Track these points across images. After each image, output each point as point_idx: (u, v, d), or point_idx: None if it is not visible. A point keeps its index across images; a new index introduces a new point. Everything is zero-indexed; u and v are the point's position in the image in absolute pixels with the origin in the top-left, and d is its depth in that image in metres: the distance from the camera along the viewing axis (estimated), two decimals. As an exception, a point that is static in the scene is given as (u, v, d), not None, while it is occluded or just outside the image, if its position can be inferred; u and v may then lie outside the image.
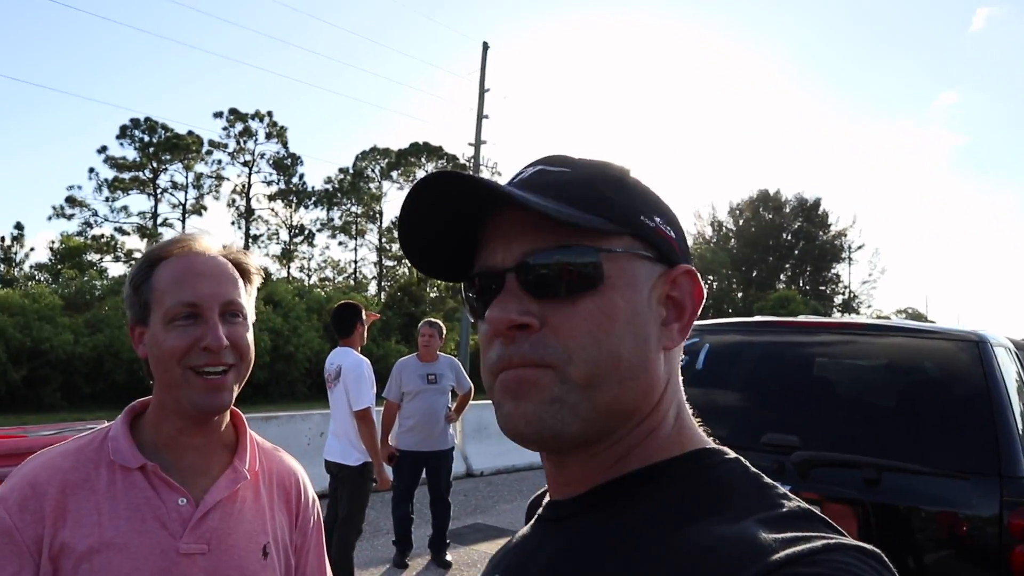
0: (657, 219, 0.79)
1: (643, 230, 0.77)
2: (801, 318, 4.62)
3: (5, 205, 63.65)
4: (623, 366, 0.74)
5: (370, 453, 5.67)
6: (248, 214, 49.56)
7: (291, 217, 51.38)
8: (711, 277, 61.19)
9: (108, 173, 45.21)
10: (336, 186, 52.20)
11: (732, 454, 0.79)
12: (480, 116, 30.05)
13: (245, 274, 1.46)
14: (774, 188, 67.45)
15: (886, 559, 0.63)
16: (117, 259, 44.15)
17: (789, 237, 65.20)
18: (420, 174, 53.01)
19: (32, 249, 40.41)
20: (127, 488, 1.35)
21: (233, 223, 49.92)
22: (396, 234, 0.83)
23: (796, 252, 65.33)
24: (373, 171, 53.32)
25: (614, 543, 0.73)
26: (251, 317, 1.46)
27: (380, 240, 53.00)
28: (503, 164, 50.25)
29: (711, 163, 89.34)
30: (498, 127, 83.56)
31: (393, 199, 52.82)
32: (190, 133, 45.85)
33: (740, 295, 61.58)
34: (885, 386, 4.11)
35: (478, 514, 8.88)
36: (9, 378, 21.19)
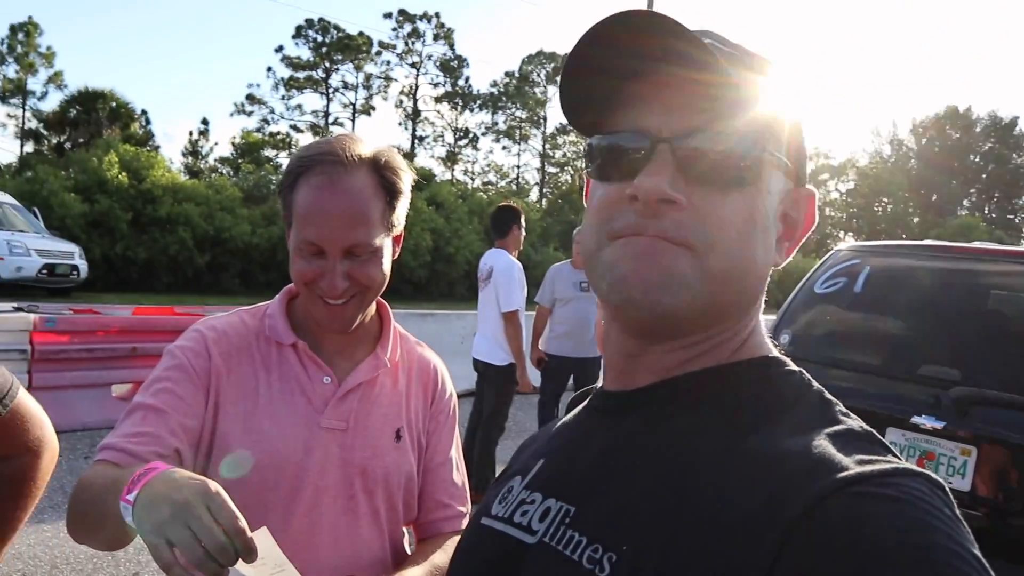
0: (803, 135, 0.80)
1: (794, 142, 0.78)
2: (978, 244, 4.21)
3: (193, 101, 67.76)
4: (753, 269, 0.75)
5: (515, 355, 5.75)
6: (415, 115, 50.53)
7: (456, 120, 52.01)
8: (885, 199, 57.44)
9: (284, 72, 47.14)
10: (501, 90, 52.16)
11: (795, 366, 0.79)
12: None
13: (391, 188, 1.43)
14: (964, 105, 61.87)
15: (949, 491, 0.62)
16: (291, 155, 46.30)
17: (977, 159, 59.88)
18: (585, 79, 52.45)
19: (216, 143, 43.21)
20: (280, 361, 1.47)
21: (400, 124, 51.21)
22: (560, 91, 0.79)
23: (984, 176, 59.98)
24: (539, 75, 52.79)
25: (674, 442, 0.72)
26: (397, 230, 1.47)
27: (544, 146, 52.87)
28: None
29: (895, 74, 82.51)
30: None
31: (558, 104, 52.26)
32: (360, 34, 46.84)
33: (916, 220, 57.47)
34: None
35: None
36: (194, 263, 22.90)
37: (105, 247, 21.47)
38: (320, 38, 46.75)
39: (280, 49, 46.91)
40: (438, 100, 51.17)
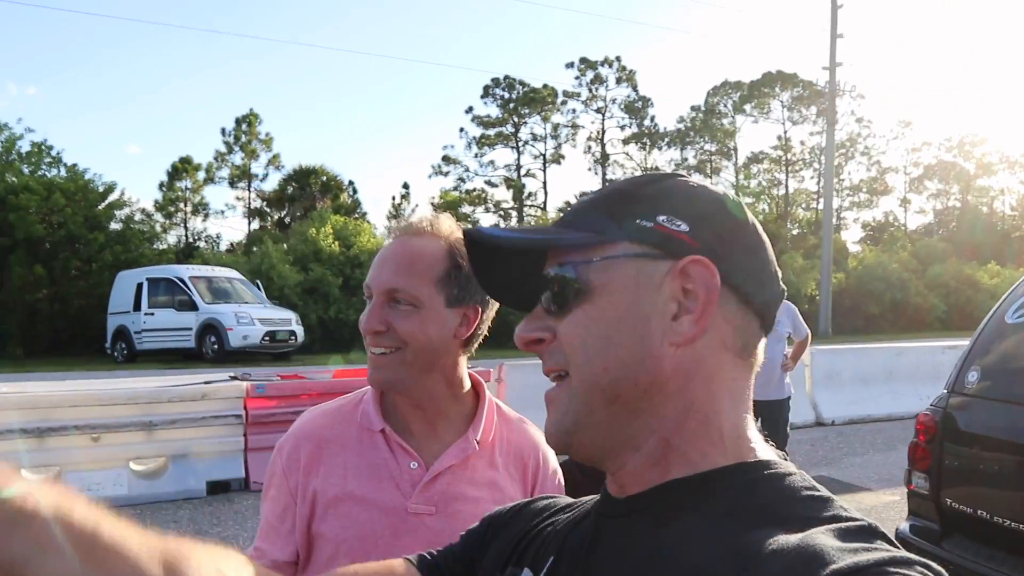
0: (661, 217, 0.78)
1: (638, 232, 0.78)
2: None
3: (395, 168, 72.03)
4: (612, 366, 0.76)
5: None
6: (603, 159, 50.92)
7: (645, 159, 51.86)
8: None
9: (475, 131, 49.02)
10: (688, 125, 51.59)
11: (791, 468, 0.76)
12: (834, 36, 27.71)
13: (459, 262, 1.47)
14: None
15: None
16: (487, 210, 47.95)
17: None
18: (775, 105, 51.26)
19: (417, 205, 45.26)
20: (370, 448, 1.51)
21: (589, 169, 51.67)
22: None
23: None
24: (725, 106, 51.80)
25: (672, 545, 0.72)
26: (464, 306, 1.48)
27: (736, 177, 51.59)
28: (863, 86, 46.07)
29: None
30: (857, 46, 76.13)
31: (748, 133, 50.98)
32: (545, 86, 48.00)
33: None
34: None
35: (824, 466, 8.38)
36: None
37: (319, 311, 23.13)
38: (507, 95, 48.41)
39: (470, 110, 49.00)
40: (625, 142, 51.35)
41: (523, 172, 49.52)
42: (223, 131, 39.02)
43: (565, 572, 0.83)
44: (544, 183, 50.24)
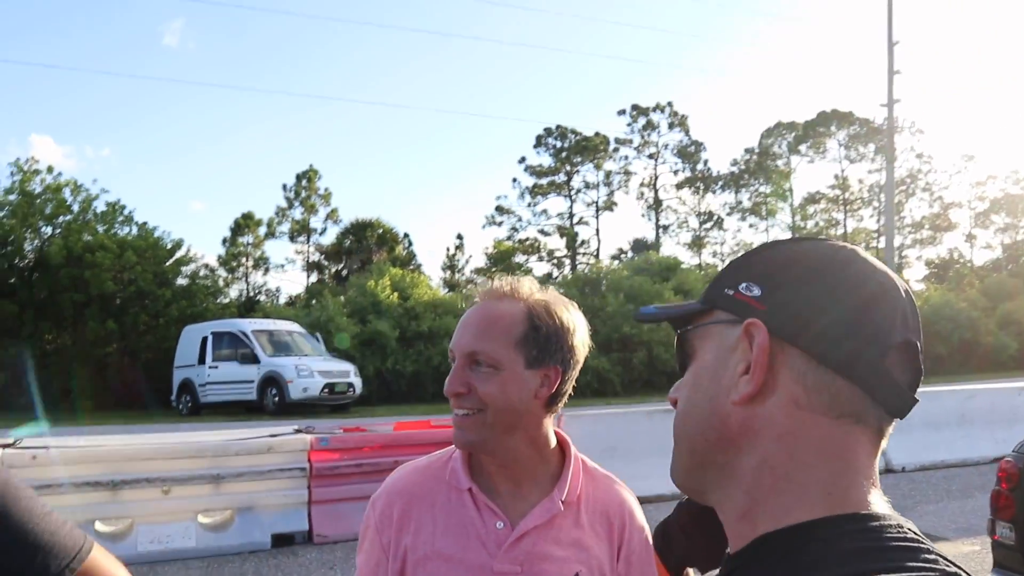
0: (741, 285, 0.85)
1: (724, 301, 0.86)
2: None
3: (449, 218, 72.87)
4: (691, 422, 0.85)
5: None
6: (657, 205, 50.89)
7: (699, 204, 51.70)
8: None
9: (528, 181, 49.52)
10: (743, 167, 51.36)
11: (888, 518, 0.75)
12: (891, 72, 27.48)
13: (537, 323, 1.51)
14: None
15: None
16: (540, 259, 48.24)
17: None
18: (831, 144, 50.81)
19: (471, 256, 45.86)
20: (459, 506, 1.54)
21: (643, 215, 51.67)
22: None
23: None
24: (780, 147, 51.49)
25: None
26: (544, 367, 1.50)
27: (793, 218, 51.06)
28: (923, 121, 45.36)
29: None
30: (914, 82, 75.16)
31: (803, 174, 50.49)
32: (597, 134, 48.42)
33: None
34: None
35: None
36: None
37: (376, 363, 23.36)
38: (559, 144, 48.87)
39: (523, 160, 49.55)
40: (679, 187, 51.29)
41: (576, 220, 49.77)
42: (284, 187, 40.20)
43: None
44: (597, 230, 50.36)
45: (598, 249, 49.30)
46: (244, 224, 36.95)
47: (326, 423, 10.02)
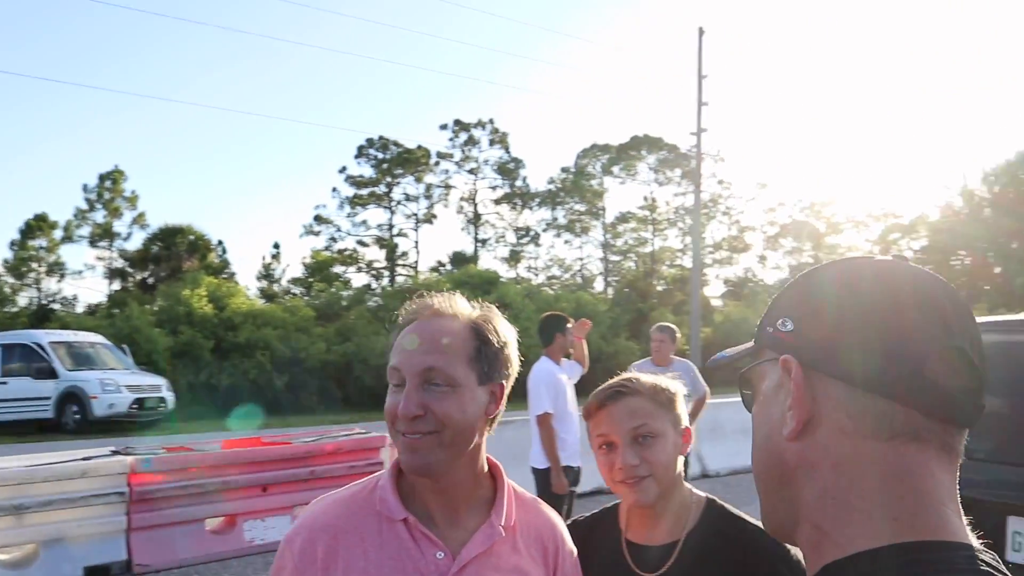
0: (779, 322, 0.86)
1: (767, 339, 0.88)
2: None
3: (265, 227, 70.43)
4: (757, 459, 0.87)
5: (548, 457, 5.72)
6: (476, 219, 51.45)
7: (517, 219, 52.74)
8: (962, 252, 55.68)
9: (348, 191, 48.61)
10: (559, 186, 52.93)
11: (966, 548, 0.73)
12: (700, 104, 29.30)
13: (484, 338, 1.47)
14: (1037, 149, 59.96)
15: None
16: (359, 270, 47.38)
17: (1058, 201, 57.78)
18: (642, 167, 53.35)
19: (288, 265, 44.47)
20: (392, 538, 1.44)
21: (462, 229, 52.08)
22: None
23: (1069, 218, 57.81)
24: (594, 168, 53.52)
25: None
26: (493, 384, 1.48)
27: (604, 236, 53.18)
28: (726, 150, 48.70)
29: (958, 127, 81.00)
30: (719, 113, 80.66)
31: (615, 194, 52.74)
32: (419, 147, 48.31)
33: (998, 270, 55.52)
34: None
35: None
36: (273, 385, 23.39)
37: (190, 376, 22.13)
38: (380, 155, 48.35)
39: (343, 169, 48.56)
40: (497, 202, 52.06)
41: (395, 232, 49.38)
42: (85, 187, 37.23)
43: None
44: (416, 242, 50.17)
45: (417, 261, 49.19)
46: (36, 226, 33.94)
47: (141, 442, 9.32)
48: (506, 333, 1.51)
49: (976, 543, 0.75)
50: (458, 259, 48.65)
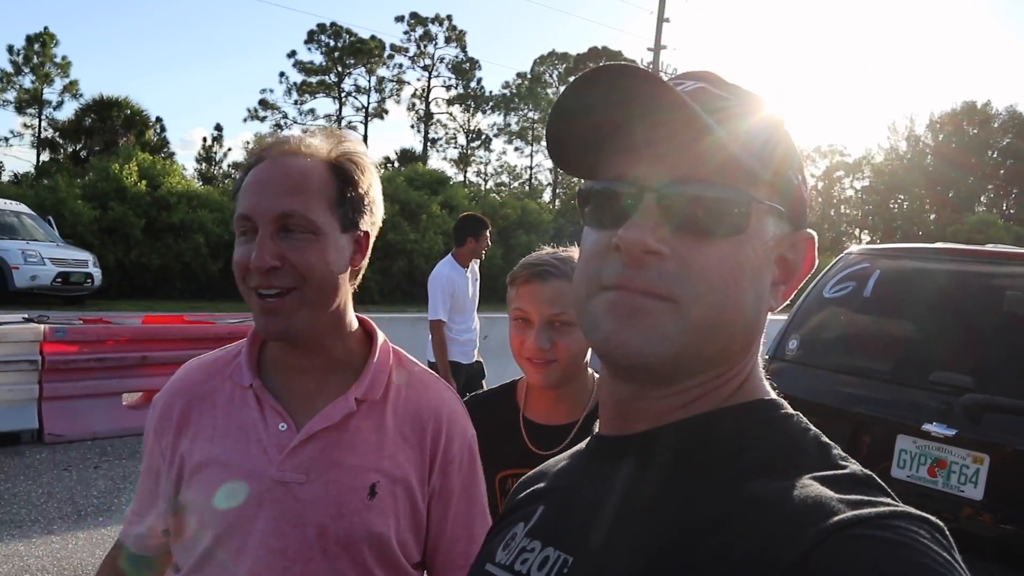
0: (799, 177, 0.78)
1: (787, 185, 0.76)
2: (991, 247, 4.13)
3: (207, 108, 68.13)
4: (740, 318, 0.73)
5: (438, 361, 5.80)
6: (427, 118, 50.59)
7: (468, 122, 52.00)
8: (901, 196, 56.91)
9: (297, 77, 47.32)
10: (513, 91, 52.15)
11: (792, 410, 0.76)
12: (660, 19, 28.93)
13: (346, 178, 1.30)
14: (982, 100, 61.08)
15: (948, 533, 0.61)
16: (305, 160, 46.52)
17: (995, 155, 58.93)
18: (597, 79, 52.29)
19: (230, 149, 43.21)
20: (241, 406, 1.34)
21: (412, 127, 51.35)
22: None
23: (1002, 172, 59.05)
24: (551, 76, 52.80)
25: (670, 489, 0.71)
26: (358, 231, 1.33)
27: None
28: (683, 69, 48.32)
29: (912, 69, 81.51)
30: (680, 31, 79.59)
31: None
32: (373, 38, 46.99)
33: (933, 217, 56.92)
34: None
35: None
36: (208, 269, 22.97)
37: (119, 254, 21.56)
38: (332, 43, 46.91)
39: (293, 54, 47.16)
40: (450, 103, 51.25)
41: (344, 124, 48.35)
42: (11, 49, 35.34)
43: (546, 522, 0.83)
44: (365, 136, 49.20)
45: (365, 156, 48.44)
46: (-41, 86, 32.27)
47: (65, 315, 9.12)
48: (372, 175, 1.35)
49: None
50: (406, 156, 48.00)
